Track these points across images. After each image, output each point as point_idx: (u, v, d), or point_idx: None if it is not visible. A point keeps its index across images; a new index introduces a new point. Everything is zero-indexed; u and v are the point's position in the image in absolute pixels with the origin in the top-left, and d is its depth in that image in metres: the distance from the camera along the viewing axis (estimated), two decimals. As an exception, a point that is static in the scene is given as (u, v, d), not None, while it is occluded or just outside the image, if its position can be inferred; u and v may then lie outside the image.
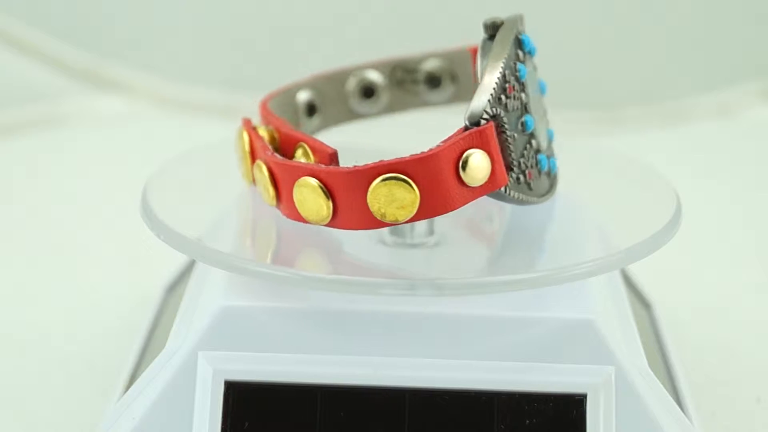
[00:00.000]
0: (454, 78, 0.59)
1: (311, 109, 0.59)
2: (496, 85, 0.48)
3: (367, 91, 0.59)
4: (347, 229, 0.48)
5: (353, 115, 0.60)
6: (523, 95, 0.50)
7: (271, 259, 0.53)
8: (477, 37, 0.51)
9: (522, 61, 0.50)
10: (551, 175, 0.52)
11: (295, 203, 0.49)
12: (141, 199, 0.54)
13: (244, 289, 0.50)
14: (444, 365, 0.48)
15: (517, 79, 0.50)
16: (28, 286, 0.74)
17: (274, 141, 0.53)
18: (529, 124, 0.50)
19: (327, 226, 0.49)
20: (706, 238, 0.81)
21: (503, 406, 0.48)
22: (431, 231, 0.53)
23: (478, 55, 0.51)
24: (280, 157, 0.50)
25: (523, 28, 0.52)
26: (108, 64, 1.13)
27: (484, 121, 0.47)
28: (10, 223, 0.85)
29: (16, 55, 1.12)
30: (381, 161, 0.47)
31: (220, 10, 1.14)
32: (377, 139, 0.59)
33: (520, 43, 0.51)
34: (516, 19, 0.51)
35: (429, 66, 0.59)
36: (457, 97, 0.59)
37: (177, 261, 0.67)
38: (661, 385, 0.50)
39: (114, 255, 0.78)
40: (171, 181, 0.57)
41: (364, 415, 0.48)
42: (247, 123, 0.53)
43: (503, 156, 0.48)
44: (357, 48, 1.12)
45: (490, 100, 0.48)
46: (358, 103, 0.60)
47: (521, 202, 0.49)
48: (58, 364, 0.63)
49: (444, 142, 0.47)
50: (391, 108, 0.60)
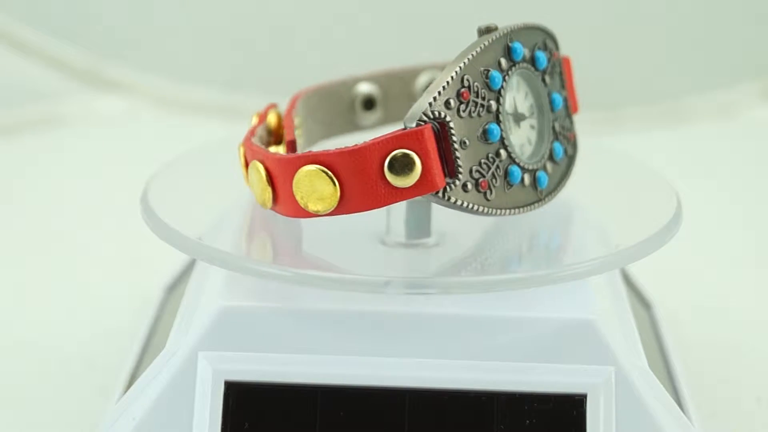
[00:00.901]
0: None
1: (369, 103, 0.61)
2: (442, 89, 0.48)
3: None
4: (283, 215, 0.50)
5: None
6: (493, 103, 0.49)
7: (271, 257, 0.53)
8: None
9: (504, 70, 0.50)
10: (538, 189, 0.51)
11: (250, 185, 0.51)
12: (141, 199, 0.54)
13: (244, 289, 0.50)
14: (444, 365, 0.48)
15: (488, 86, 0.49)
16: (28, 286, 0.74)
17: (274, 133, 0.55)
18: (493, 133, 0.49)
19: (272, 210, 0.50)
20: (706, 238, 0.81)
21: (503, 406, 0.48)
22: (431, 231, 0.53)
23: None
24: (255, 144, 0.52)
25: (539, 40, 0.52)
26: (108, 64, 1.13)
27: (422, 123, 0.47)
28: (10, 223, 0.85)
29: (16, 55, 1.12)
30: (309, 152, 0.48)
31: (220, 10, 1.14)
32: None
33: (508, 51, 0.50)
34: (517, 28, 0.51)
35: None
36: None
37: (177, 261, 0.67)
38: (661, 385, 0.50)
39: (114, 255, 0.78)
40: (171, 181, 0.57)
41: (364, 415, 0.48)
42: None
43: (446, 160, 0.48)
44: (357, 48, 1.12)
45: (431, 103, 0.48)
46: None
47: (472, 212, 0.49)
48: (58, 364, 0.63)
49: (375, 139, 0.47)
50: None
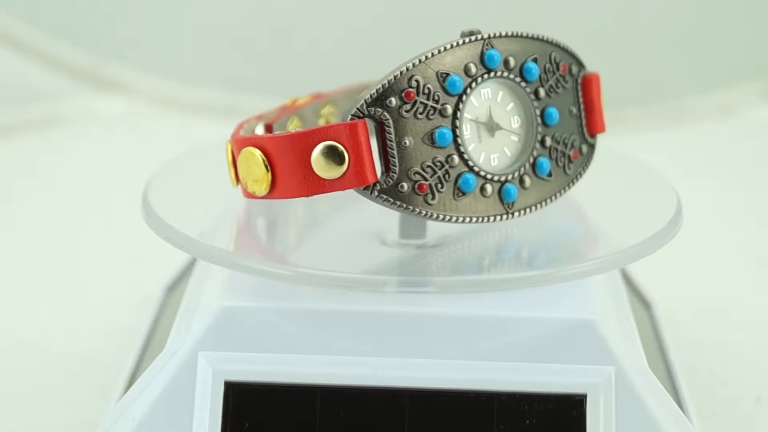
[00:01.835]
0: None
1: None
2: (381, 87, 0.48)
3: None
4: (245, 196, 0.51)
5: None
6: (449, 107, 0.49)
7: (270, 256, 0.53)
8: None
9: (472, 76, 0.49)
10: (505, 202, 0.50)
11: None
12: (142, 199, 0.54)
13: (244, 289, 0.50)
14: (444, 365, 0.48)
15: (444, 90, 0.49)
16: (28, 286, 0.74)
17: None
18: (443, 137, 0.49)
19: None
20: (706, 238, 0.81)
21: (503, 406, 0.48)
22: (431, 232, 0.53)
23: None
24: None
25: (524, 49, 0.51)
26: (108, 64, 1.13)
27: (355, 118, 0.48)
28: (10, 223, 0.85)
29: (16, 55, 1.12)
30: (255, 134, 0.49)
31: (220, 10, 1.14)
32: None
33: (482, 58, 0.50)
34: (502, 35, 0.50)
35: None
36: None
37: (177, 261, 0.67)
38: (661, 385, 0.50)
39: (114, 255, 0.78)
40: (171, 181, 0.57)
41: (364, 415, 0.48)
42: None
43: (379, 158, 0.48)
44: (357, 48, 1.12)
45: (366, 100, 0.48)
46: None
47: (407, 212, 0.49)
48: (58, 364, 0.63)
49: (310, 128, 0.48)
50: None
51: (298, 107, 0.58)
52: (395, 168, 0.48)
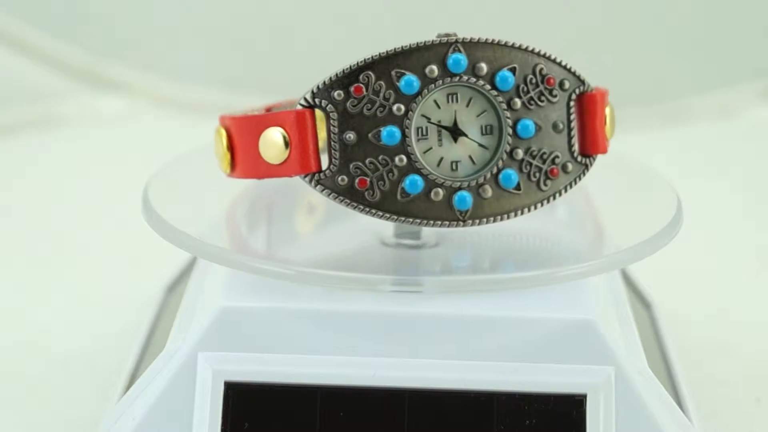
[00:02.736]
0: None
1: None
2: (328, 80, 0.49)
3: None
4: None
5: None
6: (400, 107, 0.49)
7: (270, 255, 0.53)
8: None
9: (432, 79, 0.49)
10: (455, 209, 0.50)
11: None
12: (142, 198, 0.54)
13: (244, 289, 0.50)
14: (444, 365, 0.48)
15: (396, 89, 0.49)
16: (28, 286, 0.74)
17: None
18: (389, 136, 0.49)
19: None
20: (706, 238, 0.81)
21: (503, 407, 0.48)
22: (431, 232, 0.53)
23: None
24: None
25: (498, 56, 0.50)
26: (108, 64, 1.13)
27: (300, 107, 0.49)
28: (10, 223, 0.85)
29: (16, 55, 1.12)
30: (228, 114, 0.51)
31: (220, 10, 1.14)
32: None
33: (445, 62, 0.49)
34: (476, 41, 0.49)
35: None
36: None
37: (177, 261, 0.67)
38: (661, 385, 0.50)
39: (114, 255, 0.78)
40: (172, 181, 0.57)
41: (364, 415, 0.48)
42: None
43: (315, 149, 0.49)
44: (358, 48, 1.11)
45: (314, 91, 0.49)
46: None
47: (346, 205, 0.49)
48: (58, 364, 0.63)
49: (264, 113, 0.50)
50: None
51: None
52: (336, 161, 0.49)
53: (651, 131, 1.07)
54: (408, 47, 0.49)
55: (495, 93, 0.49)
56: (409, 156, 0.49)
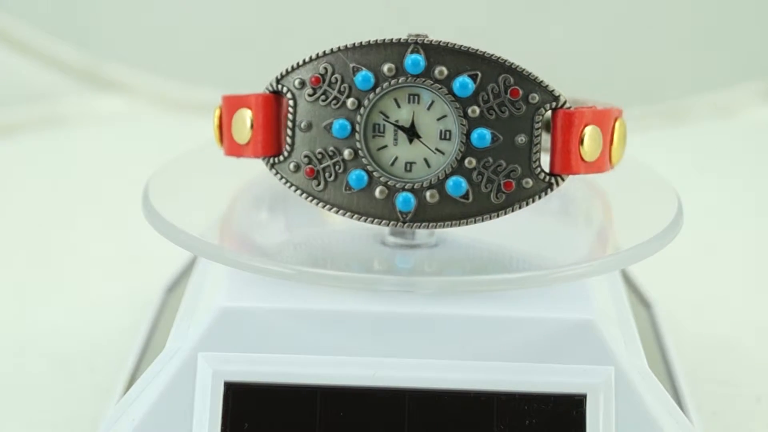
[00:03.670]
0: None
1: None
2: (291, 68, 0.50)
3: None
4: None
5: None
6: (352, 101, 0.49)
7: (270, 255, 0.53)
8: (476, 42, 0.51)
9: (387, 77, 0.49)
10: (397, 209, 0.50)
11: None
12: (143, 197, 0.54)
13: (244, 289, 0.50)
14: (444, 365, 0.48)
15: (351, 84, 0.49)
16: (28, 286, 0.74)
17: None
18: (339, 129, 0.49)
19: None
20: (706, 238, 0.81)
21: (503, 407, 0.48)
22: (431, 232, 0.53)
23: None
24: None
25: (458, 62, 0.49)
26: (108, 64, 1.13)
27: (266, 90, 0.50)
28: (10, 223, 0.85)
29: (16, 55, 1.12)
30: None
31: (220, 10, 1.14)
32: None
33: (403, 62, 0.49)
34: (437, 44, 0.49)
35: None
36: None
37: (177, 261, 0.67)
38: (661, 385, 0.50)
39: (114, 255, 0.78)
40: (172, 180, 0.57)
41: (364, 415, 0.48)
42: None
43: (277, 133, 0.50)
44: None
45: (278, 78, 0.50)
46: None
47: (300, 195, 0.50)
48: (58, 364, 0.63)
49: (243, 95, 0.51)
50: None
51: None
52: (288, 147, 0.50)
53: (651, 131, 1.07)
54: (368, 43, 0.49)
55: (452, 98, 0.49)
56: (356, 151, 0.49)
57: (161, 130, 1.06)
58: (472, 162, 0.49)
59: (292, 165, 0.50)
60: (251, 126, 0.51)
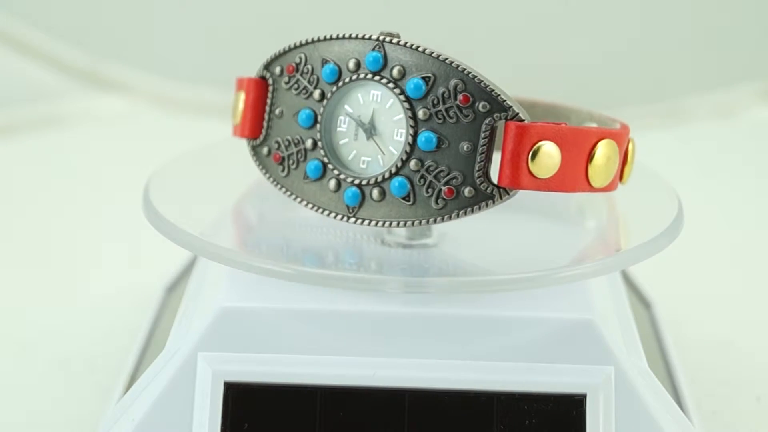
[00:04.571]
0: None
1: None
2: (275, 55, 0.52)
3: None
4: None
5: None
6: (317, 93, 0.50)
7: (271, 255, 0.53)
8: (477, 41, 0.51)
9: (351, 71, 0.49)
10: (344, 203, 0.50)
11: None
12: (143, 197, 0.54)
13: (243, 290, 0.50)
14: (444, 365, 0.48)
15: (317, 77, 0.50)
16: (28, 286, 0.74)
17: None
18: (305, 118, 0.51)
19: None
20: (706, 238, 0.81)
21: (503, 406, 0.48)
22: (431, 232, 0.53)
23: None
24: None
25: (409, 60, 0.49)
26: (108, 64, 1.13)
27: (257, 75, 0.52)
28: (10, 223, 0.85)
29: (16, 55, 1.12)
30: None
31: (221, 11, 1.14)
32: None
33: (363, 58, 0.50)
34: (399, 44, 0.49)
35: None
36: None
37: (177, 261, 0.67)
38: (661, 385, 0.50)
39: (114, 255, 0.78)
40: (172, 180, 0.57)
41: (364, 415, 0.48)
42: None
43: (261, 117, 0.52)
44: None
45: (264, 64, 0.52)
46: None
47: (266, 178, 0.52)
48: (58, 364, 0.63)
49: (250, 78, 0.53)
50: None
51: None
52: (265, 132, 0.52)
53: (651, 131, 1.07)
54: (338, 36, 0.50)
55: (404, 98, 0.49)
56: (317, 141, 0.51)
57: (161, 130, 1.06)
58: (417, 164, 0.49)
59: (265, 149, 0.52)
60: (243, 108, 0.53)
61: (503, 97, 0.48)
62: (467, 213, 0.49)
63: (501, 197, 0.48)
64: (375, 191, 0.50)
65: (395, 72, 0.49)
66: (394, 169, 0.49)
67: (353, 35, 0.50)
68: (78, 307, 0.70)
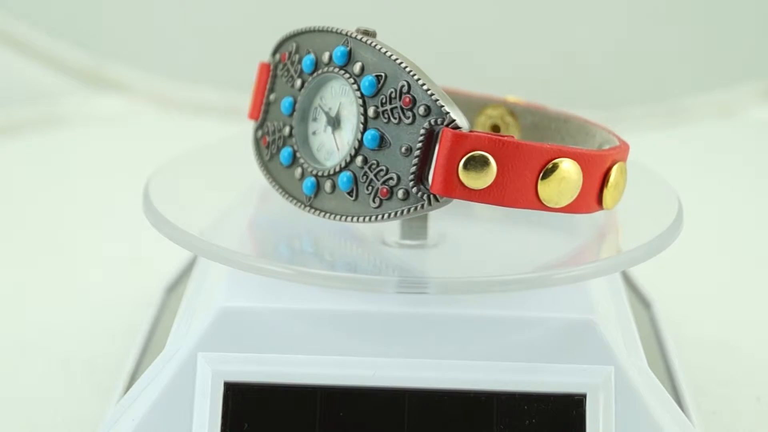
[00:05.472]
0: None
1: None
2: (279, 43, 0.53)
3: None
4: None
5: None
6: (298, 82, 0.52)
7: (271, 255, 0.53)
8: (477, 41, 0.51)
9: (324, 63, 0.51)
10: (303, 191, 0.51)
11: None
12: (143, 196, 0.54)
13: (243, 290, 0.50)
14: (444, 365, 0.48)
15: (300, 70, 0.52)
16: (28, 286, 0.74)
17: None
18: (286, 106, 0.52)
19: None
20: (706, 238, 0.81)
21: (503, 406, 0.48)
22: (431, 232, 0.53)
23: None
24: None
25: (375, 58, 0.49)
26: (108, 64, 1.13)
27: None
28: (10, 223, 0.85)
29: (16, 55, 1.12)
30: None
31: (220, 10, 1.14)
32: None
33: (332, 51, 0.50)
34: (365, 42, 0.49)
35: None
36: None
37: (177, 261, 0.67)
38: (661, 385, 0.50)
39: (114, 255, 0.78)
40: (172, 180, 0.57)
41: (364, 415, 0.48)
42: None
43: (261, 103, 0.54)
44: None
45: (273, 49, 0.54)
46: None
47: (257, 160, 0.54)
48: (58, 364, 0.63)
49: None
50: None
51: None
52: (263, 116, 0.54)
53: (651, 131, 1.07)
54: (320, 29, 0.51)
55: (359, 94, 0.50)
56: (291, 129, 0.52)
57: (161, 130, 1.06)
58: (362, 161, 0.49)
59: (260, 133, 0.54)
60: (253, 91, 0.54)
61: (442, 102, 0.47)
62: (398, 215, 0.48)
63: (430, 203, 0.48)
64: (328, 184, 0.51)
65: (356, 68, 0.50)
66: (343, 164, 0.50)
67: (332, 29, 0.51)
68: (78, 307, 0.70)
